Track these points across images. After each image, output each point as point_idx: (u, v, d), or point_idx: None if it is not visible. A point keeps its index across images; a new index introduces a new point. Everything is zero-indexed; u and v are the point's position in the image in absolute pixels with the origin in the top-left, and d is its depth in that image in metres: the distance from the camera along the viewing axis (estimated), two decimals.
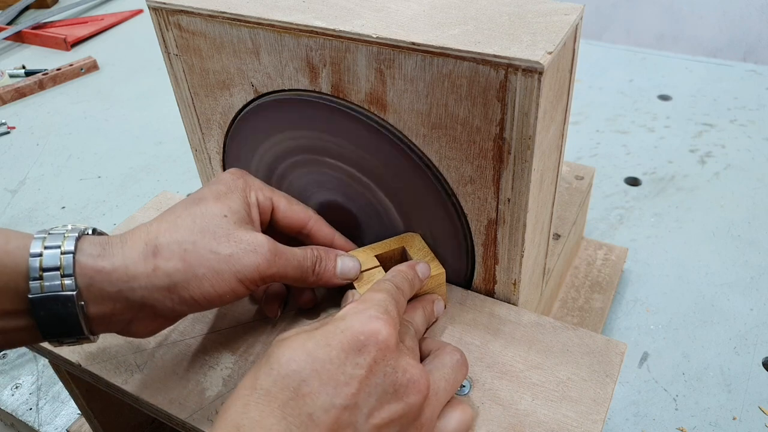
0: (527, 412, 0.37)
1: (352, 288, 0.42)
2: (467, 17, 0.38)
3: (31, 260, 0.32)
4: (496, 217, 0.40)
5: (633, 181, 0.85)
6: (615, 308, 0.66)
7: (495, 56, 0.33)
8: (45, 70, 1.17)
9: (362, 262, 0.42)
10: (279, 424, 0.28)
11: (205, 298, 0.35)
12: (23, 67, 1.19)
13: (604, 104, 1.02)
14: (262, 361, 0.31)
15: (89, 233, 0.36)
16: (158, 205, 0.55)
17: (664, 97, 1.03)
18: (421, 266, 0.41)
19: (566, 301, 0.62)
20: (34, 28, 1.35)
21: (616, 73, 1.10)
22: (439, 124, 0.38)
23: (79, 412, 0.58)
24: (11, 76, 1.18)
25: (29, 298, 0.32)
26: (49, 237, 0.33)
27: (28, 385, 0.61)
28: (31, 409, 0.59)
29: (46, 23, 1.38)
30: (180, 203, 0.38)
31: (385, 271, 0.42)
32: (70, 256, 0.33)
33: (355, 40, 0.37)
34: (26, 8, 1.48)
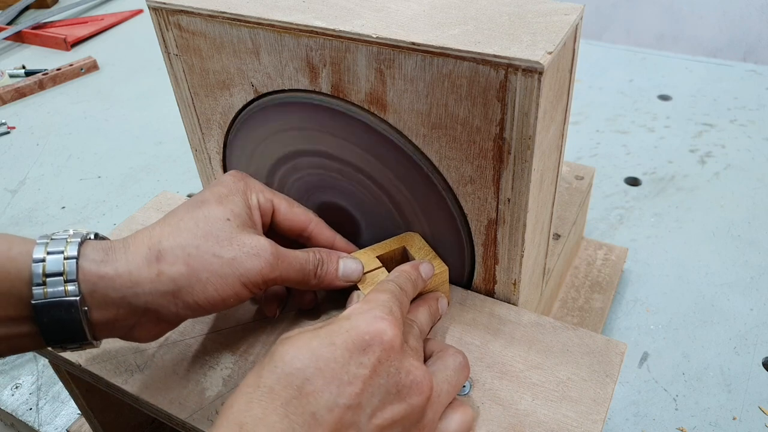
0: (527, 412, 0.37)
1: (356, 289, 0.42)
2: (467, 17, 0.38)
3: (34, 266, 0.32)
4: (496, 217, 0.40)
5: (633, 181, 0.85)
6: (615, 308, 0.66)
7: (495, 56, 0.33)
8: (45, 70, 1.17)
9: (364, 263, 0.42)
10: (282, 422, 0.28)
11: (209, 302, 0.35)
12: (23, 67, 1.19)
13: (604, 104, 1.02)
14: (265, 359, 0.31)
15: (91, 238, 0.35)
16: (158, 205, 0.55)
17: (664, 97, 1.03)
18: (425, 266, 0.41)
19: (566, 301, 0.62)
20: (34, 28, 1.35)
21: (616, 73, 1.10)
22: (439, 124, 0.38)
23: (79, 412, 0.58)
24: (11, 76, 1.18)
25: (32, 304, 0.32)
26: (52, 242, 0.33)
27: (28, 385, 0.61)
28: (31, 409, 0.59)
29: (46, 23, 1.38)
30: (182, 206, 0.38)
31: (387, 271, 0.42)
32: (74, 261, 0.33)
33: (355, 40, 0.37)
34: (26, 8, 1.48)
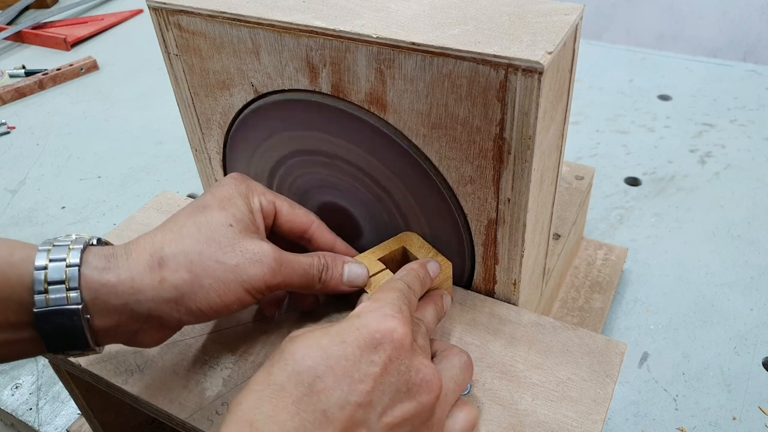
0: (527, 412, 0.37)
1: (364, 292, 0.41)
2: (467, 17, 0.38)
3: (36, 273, 0.32)
4: (496, 217, 0.40)
5: (633, 181, 0.85)
6: (615, 308, 0.66)
7: (495, 56, 0.33)
8: (45, 70, 1.17)
9: (368, 267, 0.42)
10: (293, 419, 0.28)
11: (212, 309, 0.35)
12: (23, 67, 1.19)
13: (604, 104, 1.02)
14: (275, 357, 0.31)
15: (94, 243, 0.35)
16: (158, 205, 0.55)
17: (664, 97, 1.03)
18: (432, 264, 0.41)
19: (566, 301, 0.62)
20: (34, 28, 1.35)
21: (616, 73, 1.10)
22: (439, 124, 0.38)
23: (79, 412, 0.58)
24: (11, 76, 1.18)
25: (34, 311, 0.32)
26: (54, 249, 0.33)
27: (28, 385, 0.61)
28: (31, 409, 0.59)
29: (46, 23, 1.38)
30: (183, 211, 0.38)
31: (391, 273, 0.42)
32: (76, 269, 0.32)
33: (355, 40, 0.37)
34: (26, 8, 1.48)
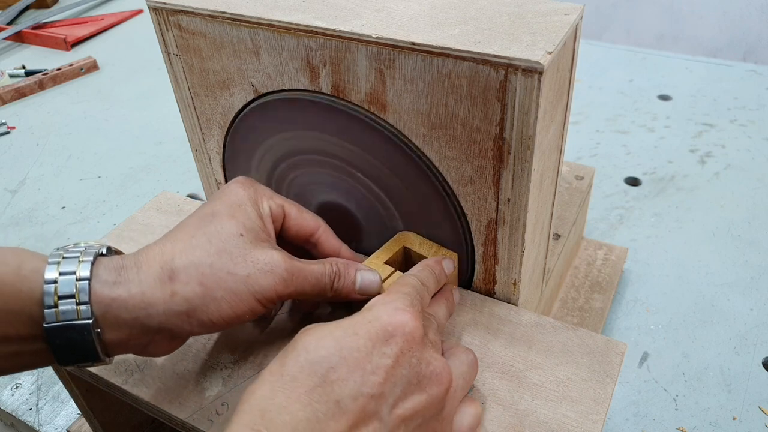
0: (527, 412, 0.37)
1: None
2: (467, 17, 0.38)
3: (46, 287, 0.32)
4: (496, 217, 0.40)
5: (633, 181, 0.85)
6: (615, 308, 0.66)
7: (495, 56, 0.33)
8: (45, 70, 1.17)
9: (380, 273, 0.41)
10: (305, 409, 0.28)
11: (223, 320, 0.35)
12: (23, 67, 1.19)
13: (604, 104, 1.02)
14: (288, 348, 0.31)
15: (103, 253, 0.35)
16: (158, 205, 0.55)
17: (664, 97, 1.03)
18: (447, 261, 0.42)
19: (566, 301, 0.62)
20: (34, 28, 1.35)
21: (616, 73, 1.10)
22: (439, 124, 0.38)
23: (79, 412, 0.58)
24: (11, 76, 1.18)
25: (44, 326, 0.32)
26: (64, 261, 0.33)
27: (28, 385, 0.61)
28: (31, 409, 0.59)
29: (46, 23, 1.38)
30: (192, 219, 0.37)
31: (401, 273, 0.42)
32: (86, 283, 0.32)
33: (355, 40, 0.37)
34: (26, 8, 1.48)
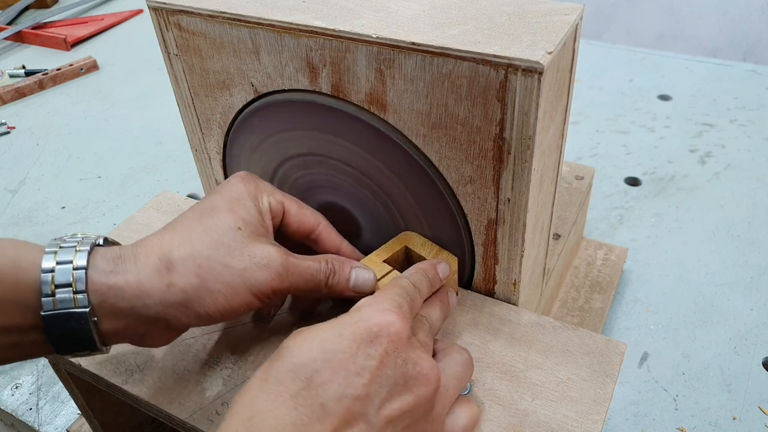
0: (527, 412, 0.37)
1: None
2: (467, 17, 0.38)
3: (43, 276, 0.32)
4: (496, 217, 0.40)
5: (633, 181, 0.85)
6: (615, 308, 0.66)
7: (495, 56, 0.33)
8: (45, 70, 1.17)
9: (375, 270, 0.41)
10: (290, 413, 0.28)
11: (219, 312, 0.35)
12: (23, 67, 1.19)
13: (604, 104, 1.02)
14: (275, 353, 0.31)
15: (100, 243, 0.35)
16: (158, 205, 0.55)
17: (664, 97, 1.03)
18: (442, 266, 0.41)
19: (566, 301, 0.62)
20: (34, 28, 1.35)
21: (616, 73, 1.10)
22: (439, 124, 0.38)
23: (79, 412, 0.58)
24: (11, 76, 1.18)
25: (41, 314, 0.32)
26: (61, 251, 0.33)
27: (28, 385, 0.61)
28: (31, 409, 0.59)
29: (46, 23, 1.38)
30: (191, 212, 0.37)
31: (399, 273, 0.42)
32: (83, 271, 0.32)
33: (355, 40, 0.37)
34: (26, 8, 1.48)
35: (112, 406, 0.52)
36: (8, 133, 1.04)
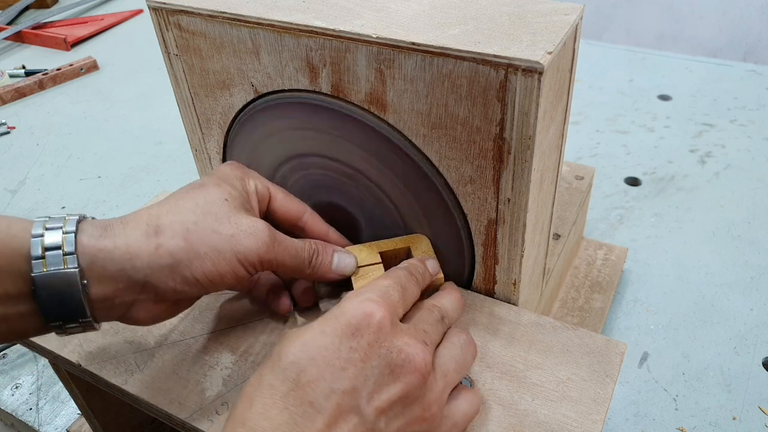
0: (527, 412, 0.37)
1: (348, 282, 0.42)
2: (467, 17, 0.38)
3: (33, 240, 0.32)
4: (496, 217, 0.40)
5: (633, 181, 0.85)
6: (615, 308, 0.66)
7: (495, 56, 0.33)
8: (45, 70, 1.17)
9: (365, 257, 0.43)
10: (281, 414, 0.29)
11: (206, 278, 0.36)
12: (23, 67, 1.19)
13: (604, 104, 1.02)
14: (266, 358, 0.32)
15: (88, 218, 0.36)
16: None
17: (664, 97, 1.03)
18: (431, 262, 0.42)
19: (566, 301, 0.62)
20: (34, 28, 1.35)
21: (616, 73, 1.10)
22: (439, 124, 0.38)
23: (79, 412, 0.58)
24: (11, 76, 1.18)
25: (32, 276, 0.32)
26: (50, 220, 0.34)
27: (28, 385, 0.61)
28: (31, 409, 0.59)
29: (46, 23, 1.38)
30: (180, 189, 0.39)
31: (385, 269, 0.42)
32: (72, 235, 0.33)
33: (355, 40, 0.37)
34: (26, 8, 1.48)
35: (112, 406, 0.52)
36: (8, 133, 1.04)
